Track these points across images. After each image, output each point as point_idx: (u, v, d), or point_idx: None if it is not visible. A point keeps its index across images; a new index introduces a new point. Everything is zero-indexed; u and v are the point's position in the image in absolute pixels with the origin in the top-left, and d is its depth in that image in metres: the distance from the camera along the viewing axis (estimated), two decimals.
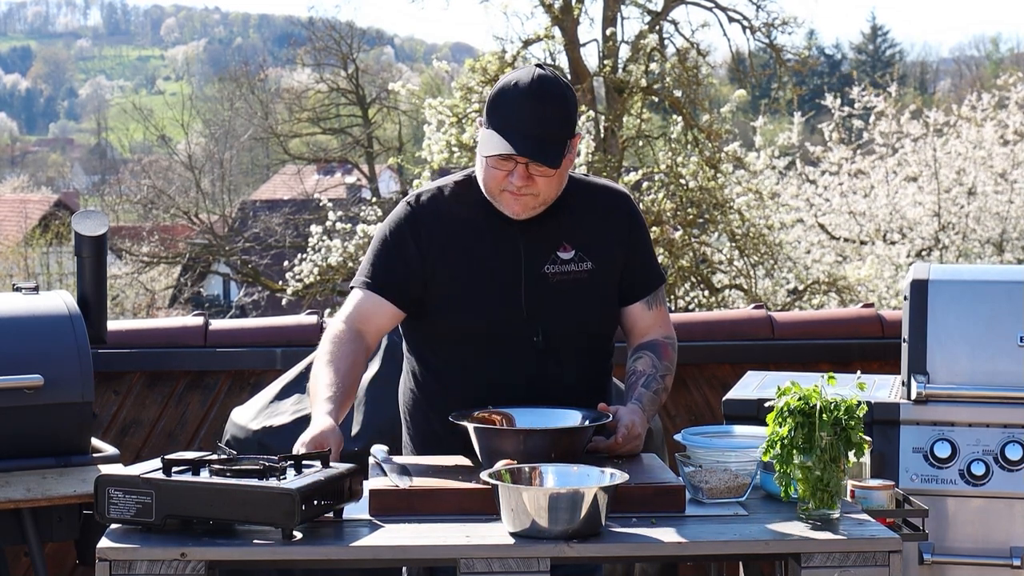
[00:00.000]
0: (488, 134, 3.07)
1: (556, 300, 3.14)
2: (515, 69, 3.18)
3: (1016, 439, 3.96)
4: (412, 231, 3.18)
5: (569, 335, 3.16)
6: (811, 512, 2.75)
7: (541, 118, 3.04)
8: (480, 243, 3.15)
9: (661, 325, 3.29)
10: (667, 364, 3.24)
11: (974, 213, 15.03)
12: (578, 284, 3.16)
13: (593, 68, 15.25)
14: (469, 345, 3.16)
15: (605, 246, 3.20)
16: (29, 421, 3.81)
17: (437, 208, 3.20)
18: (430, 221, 3.18)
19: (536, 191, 3.08)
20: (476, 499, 2.75)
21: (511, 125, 3.03)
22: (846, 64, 44.70)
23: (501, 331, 3.13)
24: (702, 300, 13.70)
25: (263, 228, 22.88)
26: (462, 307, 3.14)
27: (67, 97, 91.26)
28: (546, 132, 3.04)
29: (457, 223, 3.17)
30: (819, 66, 37.10)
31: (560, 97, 3.08)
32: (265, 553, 2.58)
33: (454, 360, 3.18)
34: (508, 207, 3.11)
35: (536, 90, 3.05)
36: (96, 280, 4.14)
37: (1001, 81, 17.12)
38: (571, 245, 3.17)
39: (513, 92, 3.06)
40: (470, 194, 3.19)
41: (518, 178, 3.06)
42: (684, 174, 13.45)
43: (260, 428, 4.35)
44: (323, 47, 26.00)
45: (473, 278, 3.13)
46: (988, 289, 4.05)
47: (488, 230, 3.15)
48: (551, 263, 3.15)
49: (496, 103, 3.08)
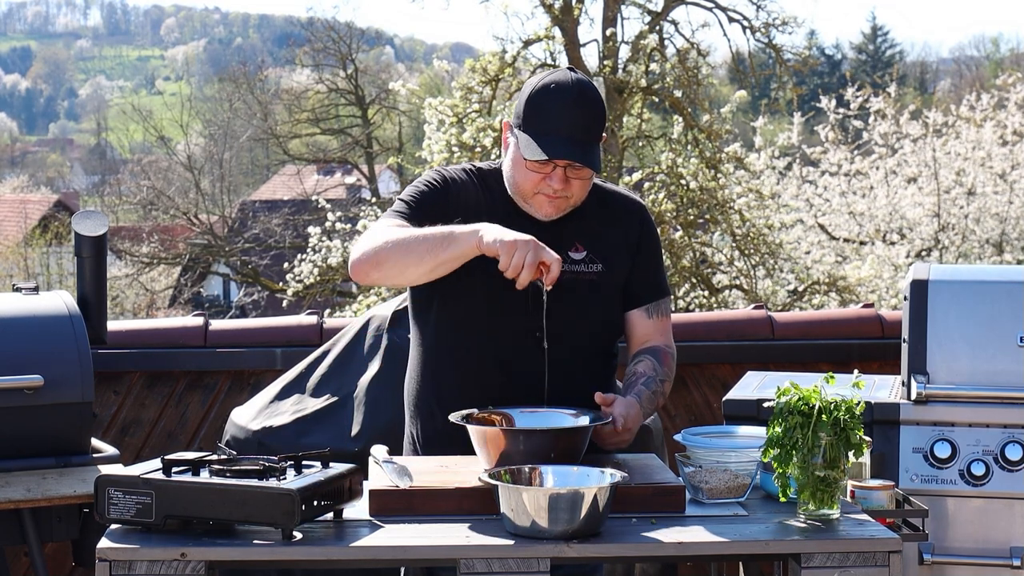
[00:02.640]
0: (529, 137, 3.09)
1: (562, 298, 3.14)
2: (546, 71, 3.19)
3: (1016, 439, 3.96)
4: (446, 186, 3.19)
5: (573, 333, 3.17)
6: (811, 512, 2.75)
7: (585, 123, 3.09)
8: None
9: (662, 335, 3.31)
10: (666, 371, 3.26)
11: (974, 214, 15.03)
12: (585, 285, 3.19)
13: (593, 68, 15.25)
14: (474, 336, 3.17)
15: (615, 251, 3.23)
16: (29, 421, 3.81)
17: (465, 188, 3.21)
18: (459, 195, 3.19)
19: (570, 193, 3.13)
20: (476, 499, 2.75)
21: (556, 129, 3.07)
22: (846, 64, 44.70)
23: (505, 326, 3.14)
24: (702, 300, 13.70)
25: (263, 228, 22.89)
26: (471, 300, 3.16)
27: (67, 97, 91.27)
28: (589, 136, 3.09)
29: (478, 210, 3.18)
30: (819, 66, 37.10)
31: (599, 102, 3.14)
32: (265, 553, 2.58)
33: (460, 351, 3.19)
34: (541, 209, 3.14)
35: (579, 95, 3.09)
36: (96, 280, 4.14)
37: (1000, 81, 17.14)
38: (583, 246, 3.20)
39: (555, 96, 3.09)
40: (494, 186, 3.22)
41: (557, 181, 3.09)
42: (684, 174, 13.45)
43: (260, 428, 4.35)
44: (322, 47, 26.01)
45: (484, 272, 3.11)
46: (988, 289, 4.05)
47: (506, 224, 3.16)
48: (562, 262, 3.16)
49: (536, 106, 3.10)
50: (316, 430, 4.29)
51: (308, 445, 4.08)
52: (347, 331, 4.55)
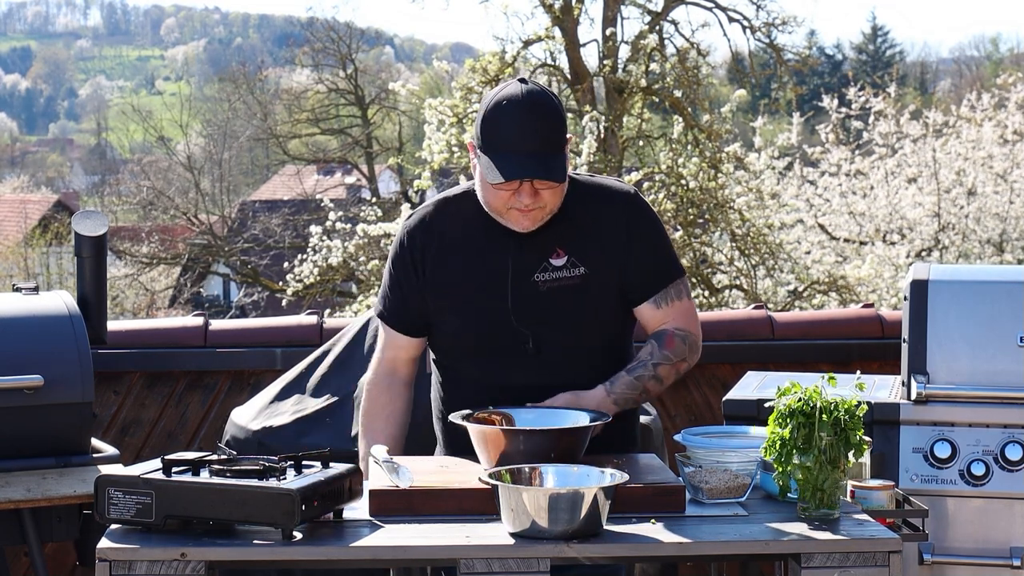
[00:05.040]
0: (489, 160, 3.05)
1: (546, 308, 3.14)
2: (499, 86, 3.15)
3: (1016, 439, 3.96)
4: (410, 256, 3.23)
5: (562, 341, 3.15)
6: (811, 512, 2.75)
7: (542, 134, 3.04)
8: (473, 256, 3.18)
9: (679, 318, 3.22)
10: (667, 353, 3.18)
11: (974, 213, 15.02)
12: (570, 290, 3.15)
13: (593, 68, 15.25)
14: (467, 356, 3.21)
15: (599, 249, 3.18)
16: (29, 421, 3.81)
17: (432, 226, 3.23)
18: (425, 241, 3.22)
19: (543, 203, 3.09)
20: (476, 499, 2.75)
21: (512, 147, 3.03)
22: (847, 64, 44.70)
23: (492, 342, 3.16)
24: (702, 300, 13.68)
25: (263, 228, 22.89)
26: (454, 320, 3.19)
27: (67, 97, 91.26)
28: (548, 147, 3.05)
29: (451, 239, 3.20)
30: (819, 66, 37.10)
31: (553, 108, 3.07)
32: (265, 553, 2.58)
33: (458, 369, 3.25)
34: (517, 223, 3.11)
35: (530, 106, 3.04)
36: (96, 280, 4.14)
37: (1001, 81, 17.12)
38: (564, 251, 3.16)
39: (507, 112, 3.04)
40: (466, 208, 3.20)
41: (526, 196, 3.06)
42: (684, 174, 13.44)
43: (260, 428, 4.35)
44: (322, 47, 26.00)
45: (463, 291, 3.17)
46: (988, 289, 4.05)
47: (482, 243, 3.17)
48: (542, 271, 3.15)
49: (490, 125, 3.06)
50: (316, 430, 4.29)
51: (308, 445, 4.08)
52: (347, 331, 4.55)
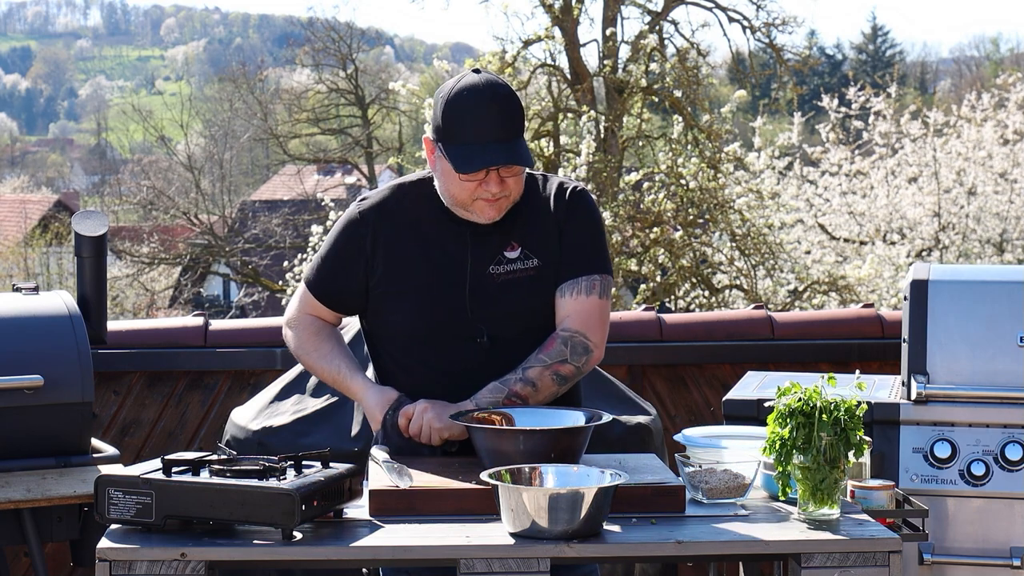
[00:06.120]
0: (457, 150, 3.04)
1: (500, 300, 3.13)
2: (452, 79, 3.14)
3: (1016, 439, 3.96)
4: (360, 234, 3.19)
5: (515, 334, 3.15)
6: (811, 512, 2.75)
7: (505, 121, 3.05)
8: (428, 247, 3.16)
9: (574, 317, 3.14)
10: (542, 357, 3.11)
11: (974, 213, 15.03)
12: (524, 282, 3.15)
13: (593, 68, 15.25)
14: (416, 346, 3.17)
15: (548, 240, 3.18)
16: (29, 421, 3.81)
17: (388, 211, 3.20)
18: (378, 224, 3.19)
19: (508, 191, 3.10)
20: (476, 499, 2.75)
21: (479, 136, 3.03)
22: (847, 64, 44.70)
23: (445, 332, 3.14)
24: (702, 300, 13.70)
25: (263, 228, 22.90)
26: (406, 307, 3.16)
27: (67, 97, 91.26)
28: (512, 133, 3.06)
29: (406, 225, 3.18)
30: (819, 66, 37.11)
31: (513, 95, 3.10)
32: (265, 553, 2.58)
33: (404, 359, 3.20)
34: (483, 214, 3.11)
35: (492, 94, 3.05)
36: (96, 280, 4.14)
37: (1001, 81, 17.13)
38: (518, 243, 3.17)
39: (470, 101, 3.04)
40: (423, 197, 3.19)
41: (494, 185, 3.06)
42: (684, 174, 13.44)
43: (260, 428, 4.35)
44: (322, 47, 26.02)
45: (418, 280, 3.15)
46: (988, 289, 4.05)
47: (438, 232, 3.16)
48: (496, 263, 3.15)
49: (454, 116, 3.05)
50: (316, 430, 4.29)
51: (308, 445, 4.08)
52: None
